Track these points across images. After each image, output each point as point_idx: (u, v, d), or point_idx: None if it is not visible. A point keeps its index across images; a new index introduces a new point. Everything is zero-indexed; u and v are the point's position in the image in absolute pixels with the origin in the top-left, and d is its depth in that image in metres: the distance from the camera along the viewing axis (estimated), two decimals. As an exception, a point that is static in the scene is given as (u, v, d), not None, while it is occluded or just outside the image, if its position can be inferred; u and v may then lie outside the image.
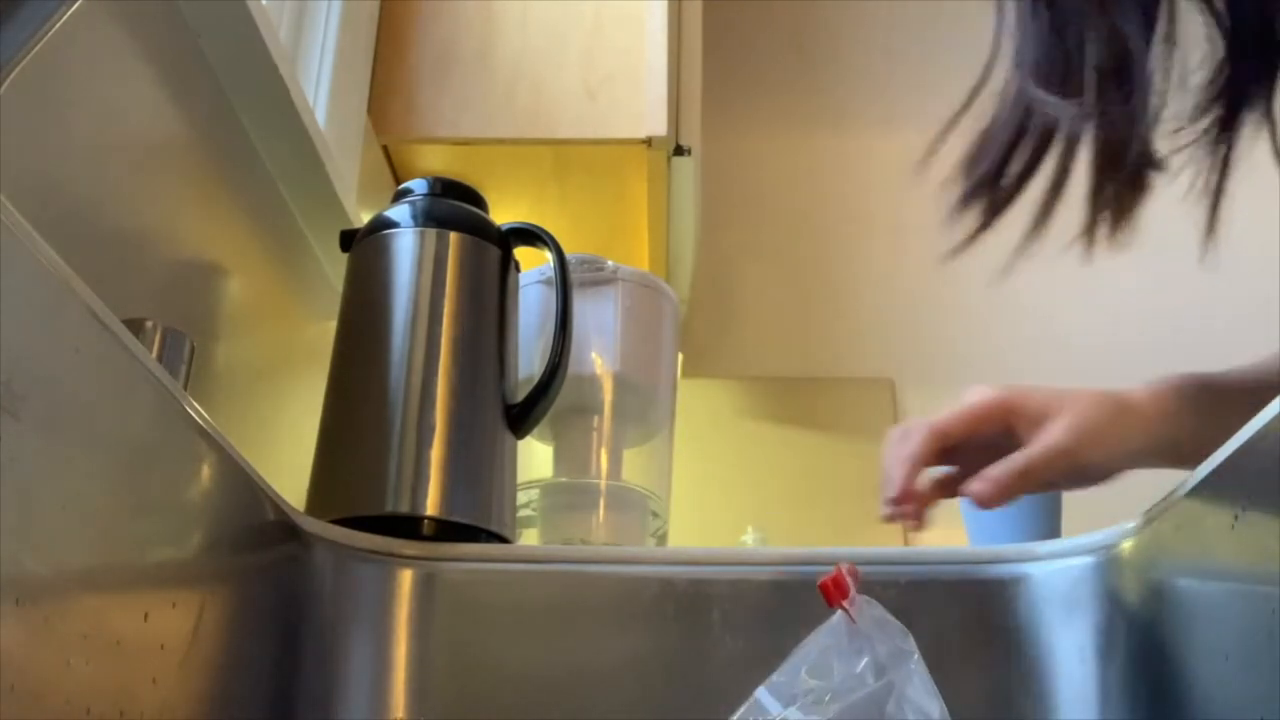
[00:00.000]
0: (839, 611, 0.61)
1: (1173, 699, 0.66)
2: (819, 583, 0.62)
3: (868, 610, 0.61)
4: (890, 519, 0.76)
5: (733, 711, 0.66)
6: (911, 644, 0.60)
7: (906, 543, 1.51)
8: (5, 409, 0.43)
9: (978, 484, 0.74)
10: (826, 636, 0.61)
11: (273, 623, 0.72)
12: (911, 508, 0.75)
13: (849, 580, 0.61)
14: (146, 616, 0.54)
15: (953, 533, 1.04)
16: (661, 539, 1.07)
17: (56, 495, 0.47)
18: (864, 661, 0.59)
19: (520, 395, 0.94)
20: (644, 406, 1.10)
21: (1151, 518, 0.70)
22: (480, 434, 0.91)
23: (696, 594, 0.82)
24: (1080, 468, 0.75)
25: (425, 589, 0.81)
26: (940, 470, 0.80)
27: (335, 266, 1.16)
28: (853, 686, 0.58)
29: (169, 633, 0.56)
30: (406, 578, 0.81)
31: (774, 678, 0.61)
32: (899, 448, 0.77)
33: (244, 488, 0.67)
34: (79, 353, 0.49)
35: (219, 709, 0.62)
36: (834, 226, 2.03)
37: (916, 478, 0.74)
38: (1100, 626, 0.75)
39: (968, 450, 0.77)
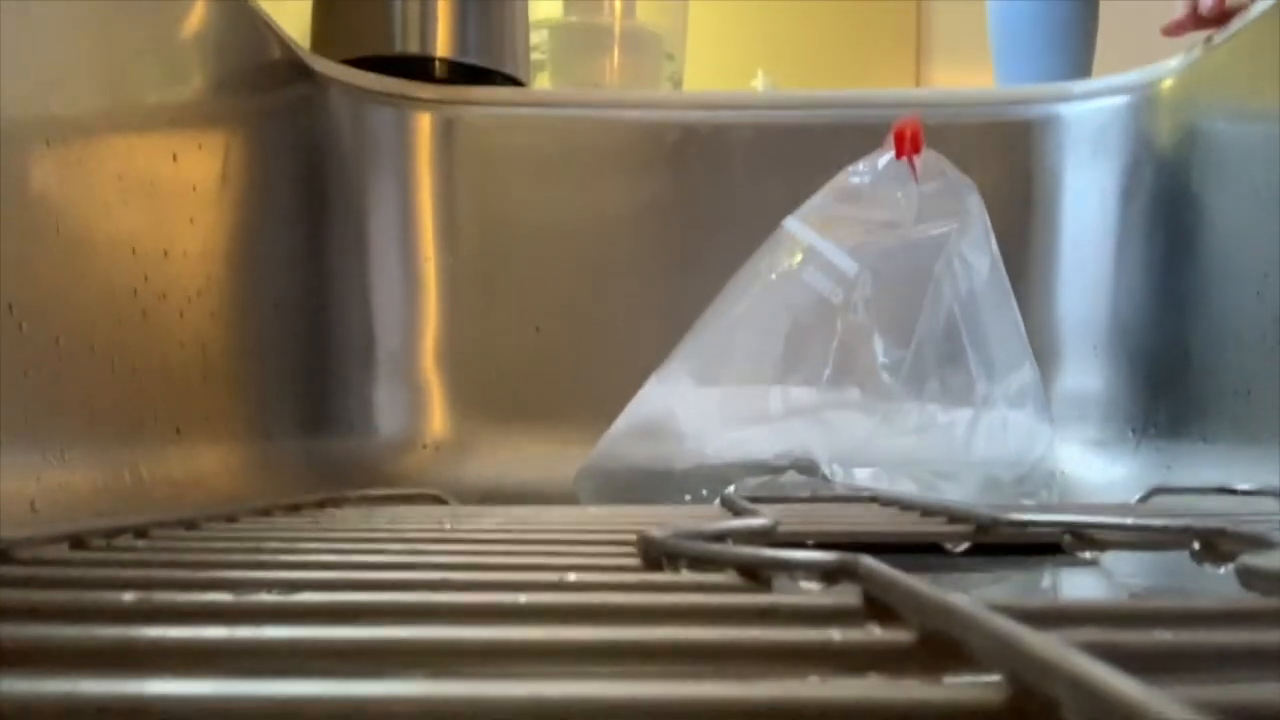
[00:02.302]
0: (891, 154, 0.60)
1: (1192, 238, 0.67)
2: (894, 130, 0.60)
3: (934, 164, 0.60)
4: (1210, 16, 0.68)
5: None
6: (975, 201, 0.60)
7: (919, 84, 1.48)
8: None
9: None
10: (876, 175, 0.61)
11: (297, 166, 0.71)
12: (1221, 3, 0.67)
13: (922, 133, 0.59)
14: (175, 157, 0.53)
15: (978, 73, 1.01)
16: (677, 83, 1.04)
17: (70, 34, 0.44)
18: (914, 210, 0.58)
19: (529, -75, 0.88)
20: (659, -61, 1.02)
21: (1197, 56, 0.68)
22: (489, -32, 0.85)
23: (719, 139, 0.81)
24: None
25: (444, 134, 0.80)
26: None
27: None
28: (897, 230, 0.58)
29: (199, 173, 0.55)
30: (425, 123, 0.79)
31: (808, 205, 0.61)
32: None
33: (246, 22, 0.63)
34: None
35: (256, 248, 0.63)
36: None
37: None
38: (1126, 168, 0.74)
39: None
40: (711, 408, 0.58)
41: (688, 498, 0.58)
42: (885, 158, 0.62)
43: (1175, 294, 0.67)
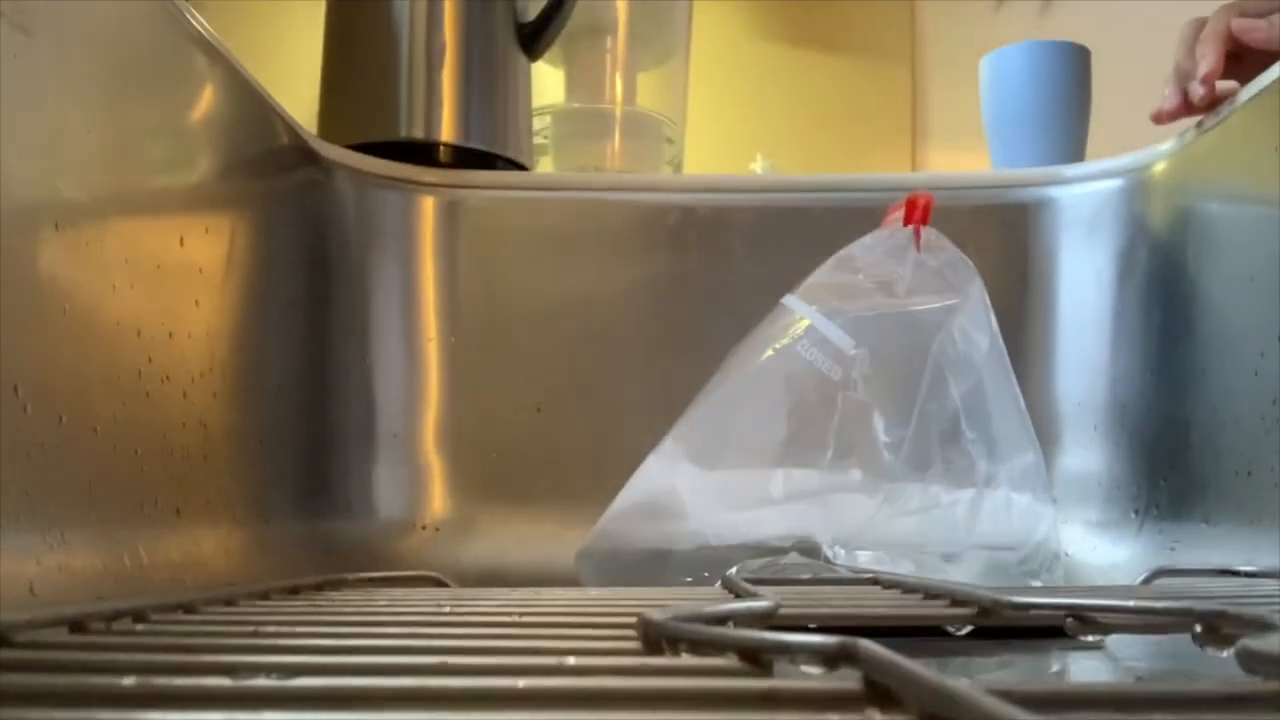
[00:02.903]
0: (894, 230, 0.61)
1: (1189, 319, 0.67)
2: (908, 198, 0.61)
3: (935, 241, 0.60)
4: (1201, 105, 0.69)
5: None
6: (975, 280, 0.60)
7: (915, 168, 1.50)
8: (16, 24, 0.40)
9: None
10: (877, 247, 0.61)
11: (302, 249, 0.72)
12: (1211, 92, 0.68)
13: (932, 209, 0.60)
14: (182, 241, 0.54)
15: (973, 156, 1.02)
16: (677, 166, 1.06)
17: (80, 118, 0.45)
18: (913, 279, 0.59)
19: (531, 13, 0.90)
20: (659, 26, 1.05)
21: (1189, 139, 0.69)
22: (492, 55, 0.87)
23: (719, 221, 0.82)
24: None
25: (448, 217, 0.81)
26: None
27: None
28: (894, 300, 0.58)
29: (205, 256, 0.56)
30: (429, 206, 0.80)
31: (807, 282, 0.62)
32: (1195, 36, 0.69)
33: (255, 108, 0.65)
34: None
35: (260, 330, 0.63)
36: None
37: (1221, 59, 0.67)
38: (1121, 250, 0.75)
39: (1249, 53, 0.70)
40: (713, 489, 0.58)
41: (689, 579, 0.58)
42: (886, 232, 0.63)
43: (1173, 374, 0.68)
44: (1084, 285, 0.77)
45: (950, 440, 0.57)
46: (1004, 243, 0.79)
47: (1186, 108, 0.69)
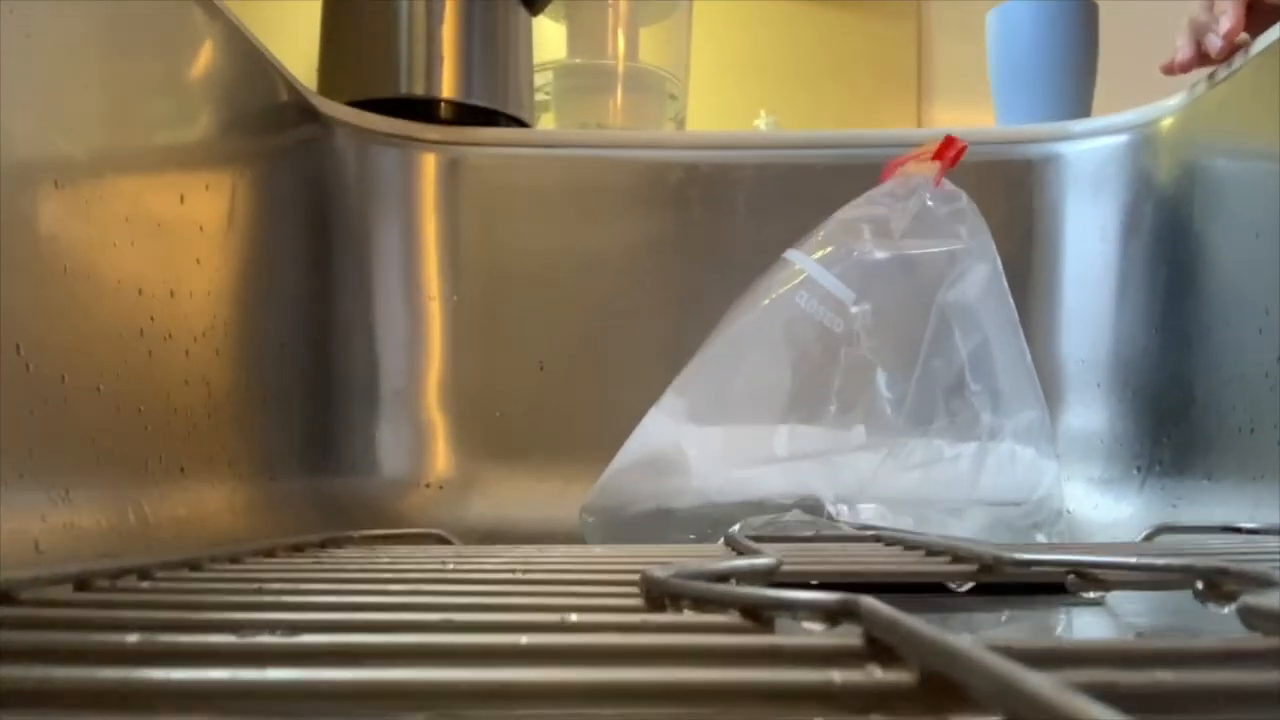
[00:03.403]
0: (904, 180, 0.60)
1: (1194, 275, 0.67)
2: (945, 138, 0.60)
3: (950, 190, 0.60)
4: (1218, 58, 0.68)
5: (756, 291, 0.67)
6: (984, 233, 0.60)
7: (920, 124, 1.48)
8: (10, -23, 0.40)
9: None
10: (885, 194, 0.61)
11: (302, 206, 0.72)
12: (1230, 46, 0.67)
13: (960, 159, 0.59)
14: (182, 199, 0.53)
15: (979, 112, 1.02)
16: (680, 123, 1.05)
17: (77, 75, 0.45)
18: (917, 219, 0.58)
19: (533, -32, 0.89)
20: (661, -20, 1.04)
21: (1200, 93, 0.68)
22: (493, 10, 0.86)
23: (721, 178, 0.82)
24: None
25: (449, 174, 0.80)
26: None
27: None
28: (899, 240, 0.58)
29: (206, 214, 0.56)
30: (430, 163, 0.80)
31: (810, 236, 0.61)
32: None
33: (254, 64, 0.64)
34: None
35: (262, 288, 0.63)
36: None
37: (1243, 14, 0.66)
38: (1127, 206, 0.75)
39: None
40: (716, 446, 0.58)
41: (692, 536, 0.58)
42: (893, 182, 0.63)
43: (1177, 331, 0.68)
44: (1089, 242, 0.76)
45: (954, 392, 0.57)
46: (1009, 199, 0.79)
47: (1200, 59, 0.69)
